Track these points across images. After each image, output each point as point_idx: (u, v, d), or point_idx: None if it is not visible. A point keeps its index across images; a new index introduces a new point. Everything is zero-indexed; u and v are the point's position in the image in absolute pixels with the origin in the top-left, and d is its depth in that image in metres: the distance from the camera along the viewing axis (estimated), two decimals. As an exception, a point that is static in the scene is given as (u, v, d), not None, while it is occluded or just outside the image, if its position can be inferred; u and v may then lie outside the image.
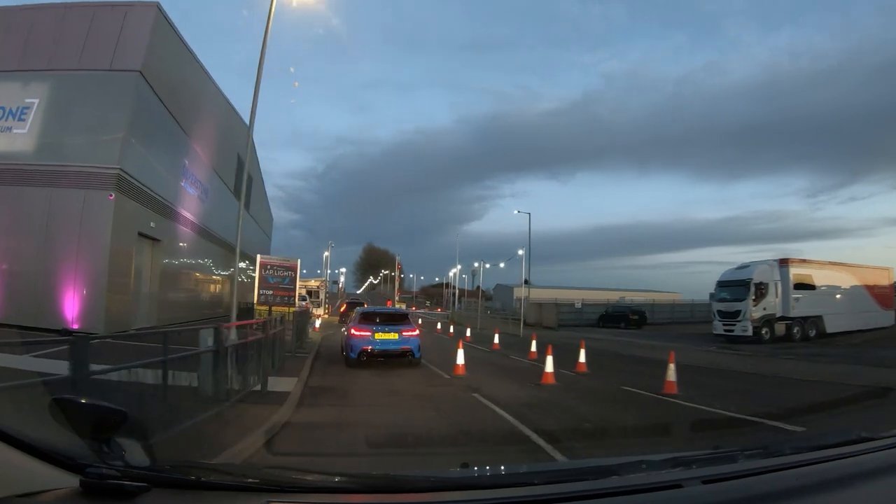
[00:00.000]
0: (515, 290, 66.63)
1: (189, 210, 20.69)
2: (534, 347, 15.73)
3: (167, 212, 18.38)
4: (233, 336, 9.05)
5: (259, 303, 20.86)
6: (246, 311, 22.04)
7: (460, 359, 11.28)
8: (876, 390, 9.39)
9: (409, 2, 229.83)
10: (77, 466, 1.32)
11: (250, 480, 1.50)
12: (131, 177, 15.17)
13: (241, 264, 30.06)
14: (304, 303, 30.54)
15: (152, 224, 16.93)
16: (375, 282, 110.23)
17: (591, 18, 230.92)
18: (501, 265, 53.96)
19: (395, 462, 4.95)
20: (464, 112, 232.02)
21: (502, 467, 2.61)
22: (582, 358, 12.46)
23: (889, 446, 1.86)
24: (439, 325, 33.65)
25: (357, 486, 1.61)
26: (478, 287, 64.10)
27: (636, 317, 38.81)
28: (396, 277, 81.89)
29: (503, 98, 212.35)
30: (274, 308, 20.17)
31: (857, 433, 1.95)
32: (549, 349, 10.75)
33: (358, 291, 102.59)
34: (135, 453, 1.46)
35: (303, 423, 6.19)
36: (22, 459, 1.29)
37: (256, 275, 21.52)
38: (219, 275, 28.46)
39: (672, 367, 9.62)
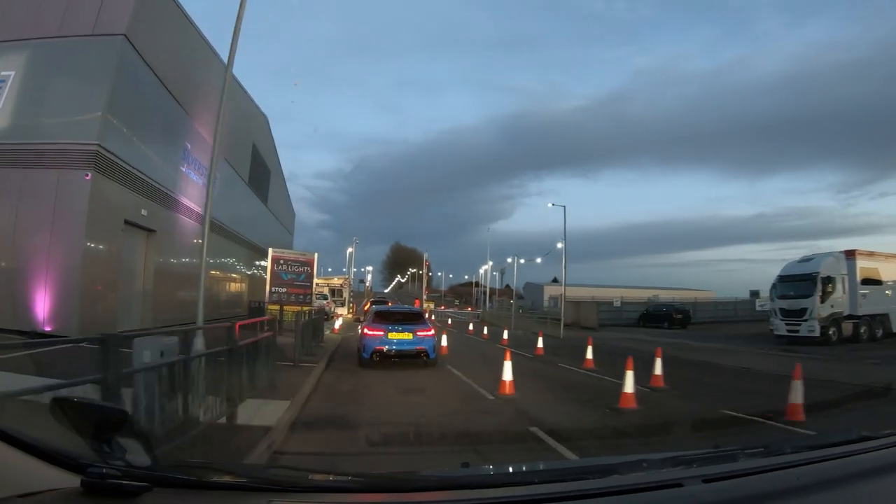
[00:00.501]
0: (546, 288, 64.55)
1: (193, 199, 18.43)
2: (589, 354, 13.06)
3: (163, 199, 16.19)
4: (198, 345, 6.76)
5: (270, 301, 18.86)
6: (257, 309, 20.01)
7: (507, 374, 8.60)
8: None
9: (438, 2, 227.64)
10: (78, 466, 1.28)
11: (253, 480, 1.44)
12: (114, 155, 13.02)
13: (263, 262, 28.52)
14: (324, 301, 28.65)
15: (143, 212, 14.73)
16: (403, 280, 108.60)
17: (619, 13, 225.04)
18: (538, 260, 51.17)
19: None
20: (492, 111, 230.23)
21: (502, 467, 2.55)
22: (658, 370, 9.91)
23: (889, 445, 1.78)
24: (471, 326, 31.27)
25: (360, 485, 1.54)
26: (507, 286, 61.57)
27: (680, 316, 36.51)
28: (424, 276, 79.71)
29: (531, 96, 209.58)
30: (285, 307, 18.22)
31: (858, 432, 1.86)
32: (629, 362, 8.03)
33: (385, 290, 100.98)
34: (136, 453, 1.41)
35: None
36: (23, 459, 1.26)
37: (268, 270, 19.47)
38: (237, 272, 26.76)
39: (798, 384, 7.08)
